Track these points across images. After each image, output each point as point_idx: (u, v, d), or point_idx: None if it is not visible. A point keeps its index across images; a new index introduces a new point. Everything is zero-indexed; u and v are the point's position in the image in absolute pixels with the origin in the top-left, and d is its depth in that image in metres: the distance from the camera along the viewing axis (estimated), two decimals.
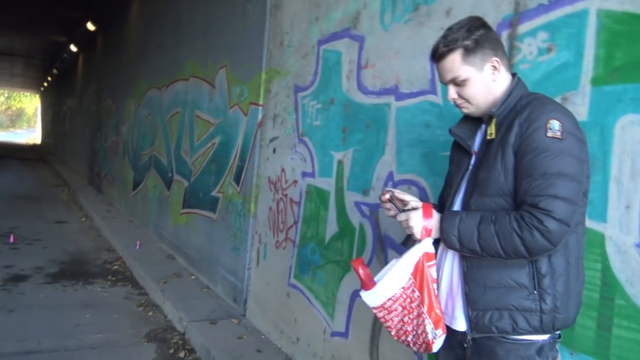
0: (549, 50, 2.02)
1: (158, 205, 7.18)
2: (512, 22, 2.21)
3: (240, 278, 4.51)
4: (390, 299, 1.68)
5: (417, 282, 1.67)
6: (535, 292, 1.55)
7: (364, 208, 3.03)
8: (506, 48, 1.98)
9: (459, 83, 1.68)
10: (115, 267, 6.21)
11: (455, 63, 1.66)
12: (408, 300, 1.67)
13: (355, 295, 3.03)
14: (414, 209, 1.72)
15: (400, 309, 1.68)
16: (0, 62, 26.40)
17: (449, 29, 1.68)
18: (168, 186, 6.75)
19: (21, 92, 49.68)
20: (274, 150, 4.10)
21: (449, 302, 1.71)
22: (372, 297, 1.71)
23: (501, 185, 1.57)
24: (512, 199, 1.56)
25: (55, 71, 24.72)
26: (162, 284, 5.16)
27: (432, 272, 1.69)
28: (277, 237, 3.98)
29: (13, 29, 17.70)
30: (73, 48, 17.18)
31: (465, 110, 1.75)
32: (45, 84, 31.94)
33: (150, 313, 4.74)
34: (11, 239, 7.05)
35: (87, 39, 14.99)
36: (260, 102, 4.35)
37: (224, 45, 5.23)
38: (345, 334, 3.11)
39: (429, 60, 2.59)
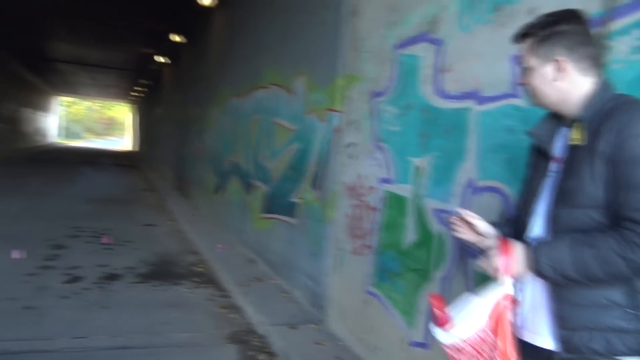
0: None
1: (239, 210, 7.40)
2: (603, 20, 2.07)
3: (319, 283, 4.54)
4: (464, 340, 1.61)
5: (493, 324, 1.58)
6: (630, 311, 1.44)
7: (444, 216, 2.95)
8: None
9: (526, 70, 1.64)
10: (200, 269, 6.45)
11: (523, 49, 1.63)
12: (482, 343, 1.59)
13: None
14: (489, 247, 1.66)
15: (472, 351, 1.60)
16: (96, 73, 28.38)
17: (542, 15, 1.63)
18: (249, 191, 6.94)
19: (114, 102, 52.99)
20: (351, 156, 4.10)
21: (532, 318, 1.63)
22: (445, 336, 1.64)
23: (591, 195, 1.46)
24: (604, 211, 1.45)
25: (145, 81, 26.16)
26: (244, 287, 5.30)
27: (510, 314, 1.60)
28: (355, 244, 3.97)
29: (107, 43, 18.97)
30: (162, 59, 18.10)
31: (532, 101, 1.69)
32: (136, 94, 33.88)
33: (232, 315, 4.88)
34: (106, 240, 7.52)
35: (175, 51, 15.75)
36: (338, 108, 4.36)
37: (301, 52, 5.31)
38: (425, 345, 3.04)
39: (511, 62, 2.52)
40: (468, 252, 2.72)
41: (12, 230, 7.77)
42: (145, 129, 28.43)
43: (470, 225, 1.75)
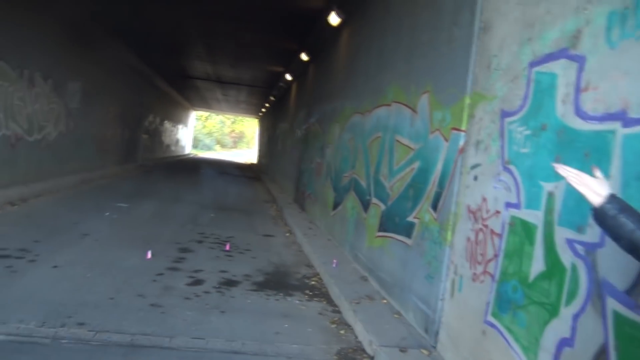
0: None
1: (355, 226, 7.40)
2: None
3: (433, 308, 4.37)
4: None
5: None
6: None
7: (578, 247, 2.69)
8: None
9: None
10: (313, 282, 6.52)
11: None
12: None
13: (563, 343, 2.70)
14: None
15: None
16: (229, 90, 30.25)
17: None
18: (365, 208, 6.92)
19: (243, 116, 56.05)
20: (476, 178, 3.92)
21: None
22: None
23: None
24: None
25: (272, 98, 27.39)
26: (355, 304, 5.26)
27: None
28: (474, 270, 3.77)
29: (241, 62, 20.14)
30: (288, 77, 18.85)
31: None
32: (263, 110, 35.58)
33: (342, 331, 4.86)
34: (227, 247, 7.89)
35: (300, 68, 16.33)
36: (463, 128, 4.21)
37: (427, 70, 5.22)
38: None
39: None
40: (607, 288, 2.45)
41: (146, 233, 8.44)
42: (268, 142, 29.70)
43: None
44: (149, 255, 6.74)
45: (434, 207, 4.59)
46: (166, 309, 4.88)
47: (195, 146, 58.25)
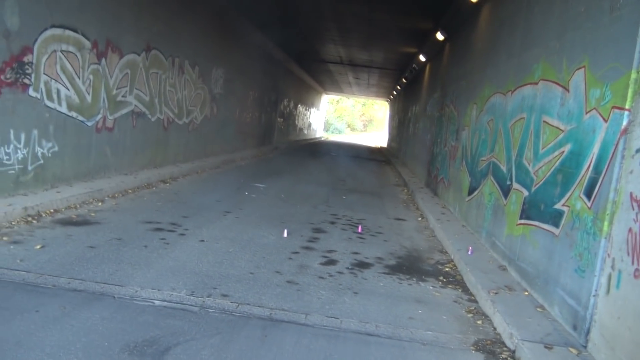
0: None
1: (493, 213, 7.03)
2: None
3: (584, 304, 4.00)
4: None
5: None
6: None
7: None
8: None
9: None
10: (447, 269, 6.32)
11: None
12: None
13: None
14: None
15: None
16: (361, 73, 30.39)
17: None
18: (505, 194, 6.53)
19: (374, 100, 56.05)
20: None
21: None
22: None
23: None
24: None
25: (404, 80, 26.99)
26: (493, 294, 5.00)
27: None
28: (637, 265, 3.36)
29: (372, 44, 20.07)
30: (422, 58, 18.38)
31: None
32: (394, 92, 35.24)
33: (479, 322, 4.64)
34: (359, 230, 7.93)
35: (434, 49, 15.83)
36: (627, 106, 3.75)
37: (582, 43, 4.73)
38: None
39: None
40: None
41: (282, 212, 8.77)
42: (399, 125, 29.37)
43: None
44: (285, 233, 6.99)
45: (588, 194, 4.17)
46: (302, 287, 5.02)
47: (326, 129, 59.52)
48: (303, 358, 3.59)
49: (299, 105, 34.51)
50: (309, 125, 41.27)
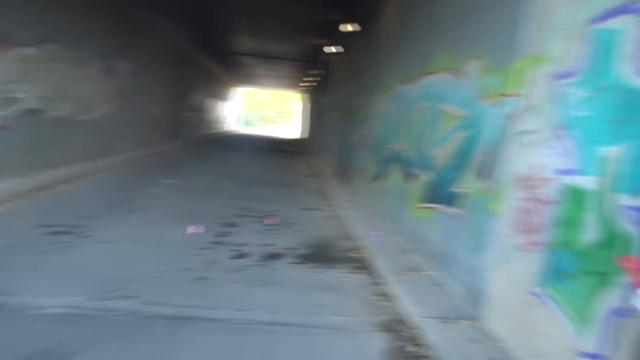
0: None
1: (398, 198, 7.28)
2: None
3: (479, 279, 4.25)
4: None
5: None
6: None
7: (637, 214, 2.52)
8: None
9: None
10: (355, 254, 6.47)
11: None
12: None
13: (614, 313, 2.55)
14: None
15: None
16: (273, 65, 30.29)
17: None
18: (409, 180, 6.78)
19: (287, 92, 56.09)
20: (527, 145, 3.73)
21: None
22: None
23: None
24: None
25: (316, 71, 27.20)
26: (398, 276, 5.18)
27: None
28: (522, 239, 3.62)
29: (283, 36, 20.07)
30: (332, 49, 18.59)
31: None
32: (307, 84, 35.44)
33: (384, 303, 4.80)
34: (270, 221, 7.92)
35: (345, 40, 16.06)
36: (514, 93, 4.00)
37: (477, 33, 4.99)
38: (601, 357, 2.64)
39: None
40: None
41: (193, 208, 8.55)
42: (313, 117, 29.63)
43: None
44: (195, 229, 6.83)
45: (482, 176, 4.43)
46: (212, 282, 4.93)
47: (240, 122, 58.82)
48: (213, 353, 3.54)
49: (211, 99, 33.80)
50: (222, 118, 40.57)
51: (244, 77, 40.16)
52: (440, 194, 5.44)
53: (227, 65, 33.09)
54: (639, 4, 2.70)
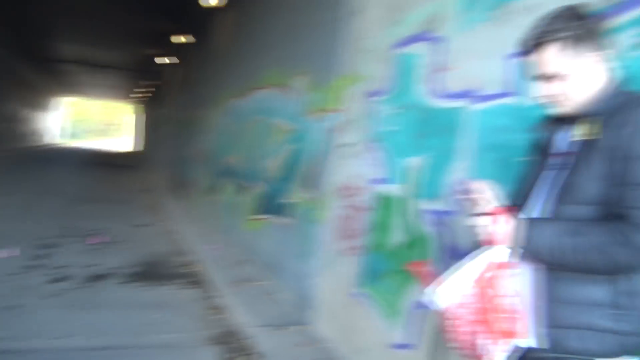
0: None
1: (232, 210, 7.31)
2: (603, 15, 2.00)
3: (308, 285, 4.45)
4: (451, 305, 1.54)
5: (482, 292, 1.51)
6: (615, 311, 1.40)
7: (435, 216, 2.87)
8: None
9: (553, 78, 1.50)
10: (188, 269, 6.35)
11: (552, 56, 1.48)
12: (470, 310, 1.52)
13: (420, 306, 2.88)
14: (488, 213, 1.56)
15: (462, 318, 1.53)
16: (98, 74, 28.45)
17: (544, 19, 1.51)
18: (243, 192, 6.86)
19: (118, 103, 53.05)
20: (345, 157, 4.03)
21: (522, 317, 1.55)
22: (435, 299, 1.58)
23: (592, 192, 1.41)
24: (603, 208, 1.39)
25: (149, 82, 26.18)
26: (232, 288, 5.21)
27: (501, 283, 1.52)
28: (344, 244, 3.89)
29: (113, 44, 19.02)
30: (166, 60, 18.09)
31: (557, 110, 1.56)
32: (140, 95, 33.92)
33: (218, 316, 4.77)
34: (95, 240, 7.42)
35: (179, 52, 15.74)
36: (335, 108, 4.30)
37: (302, 52, 5.26)
38: (408, 346, 2.95)
39: (508, 61, 2.45)
40: (458, 253, 2.63)
41: (6, 229, 7.65)
42: (147, 130, 28.44)
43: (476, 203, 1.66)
44: (6, 253, 6.12)
45: (309, 186, 4.66)
46: (25, 310, 4.45)
47: (64, 135, 54.12)
48: None
49: (28, 109, 30.63)
50: (42, 130, 36.98)
51: (68, 86, 37.16)
52: (271, 205, 5.60)
53: (48, 73, 30.30)
54: (431, 33, 3.10)
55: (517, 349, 1.53)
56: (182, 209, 10.69)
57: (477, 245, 1.71)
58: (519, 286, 1.56)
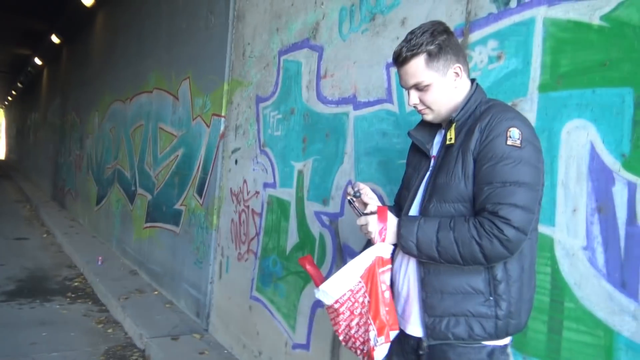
0: (498, 58, 2.05)
1: (121, 220, 7.04)
2: (464, 31, 2.23)
3: (203, 292, 4.43)
4: (337, 301, 1.64)
5: (367, 286, 1.64)
6: (491, 298, 1.55)
7: (324, 218, 3.00)
8: None
9: (421, 88, 1.66)
10: (76, 283, 6.03)
11: (418, 68, 1.63)
12: (356, 304, 1.64)
13: (316, 306, 3.00)
14: (372, 212, 1.70)
15: (348, 313, 1.65)
16: None
17: (412, 33, 1.65)
18: (131, 200, 6.63)
19: None
20: (236, 162, 4.06)
21: (406, 308, 1.69)
22: (322, 296, 1.67)
23: (460, 191, 1.56)
24: (470, 205, 1.56)
25: (19, 85, 24.19)
26: (124, 300, 5.03)
27: (384, 277, 1.66)
28: (239, 250, 3.92)
29: None
30: (38, 61, 16.85)
31: (426, 117, 1.73)
32: (10, 98, 31.23)
33: (110, 330, 4.61)
34: None
35: (52, 52, 14.72)
36: (223, 114, 4.31)
37: (187, 57, 5.19)
38: (306, 346, 3.06)
39: (385, 69, 2.63)
40: (347, 252, 2.79)
41: None
42: (18, 135, 26.26)
43: (363, 204, 1.80)
44: None
45: (200, 192, 4.63)
46: None
47: None
48: None
49: None
50: None
51: None
52: (162, 212, 5.48)
53: None
54: (312, 41, 3.22)
55: (398, 338, 1.68)
56: (67, 219, 10.07)
57: (365, 243, 1.86)
58: (397, 279, 1.71)
